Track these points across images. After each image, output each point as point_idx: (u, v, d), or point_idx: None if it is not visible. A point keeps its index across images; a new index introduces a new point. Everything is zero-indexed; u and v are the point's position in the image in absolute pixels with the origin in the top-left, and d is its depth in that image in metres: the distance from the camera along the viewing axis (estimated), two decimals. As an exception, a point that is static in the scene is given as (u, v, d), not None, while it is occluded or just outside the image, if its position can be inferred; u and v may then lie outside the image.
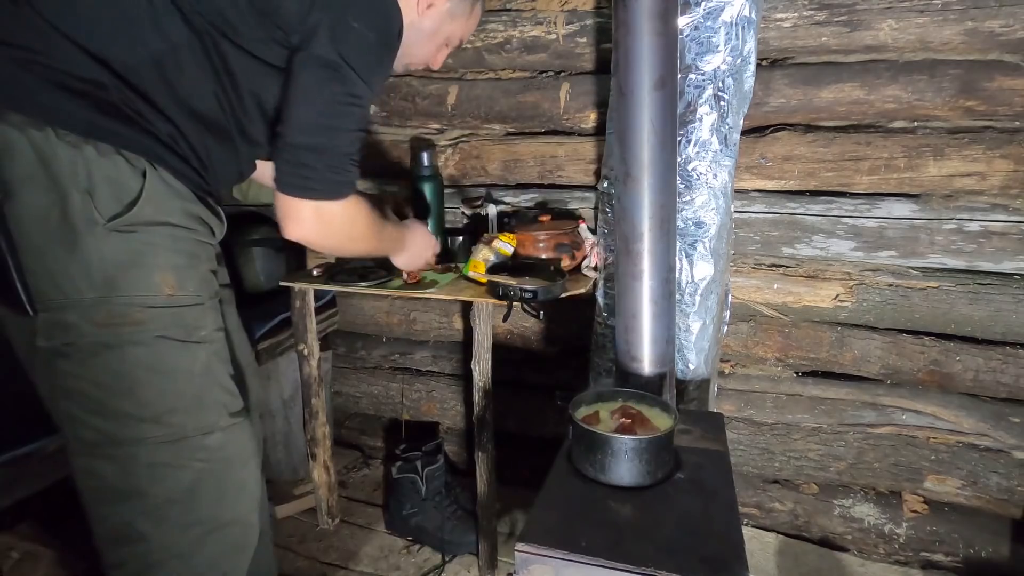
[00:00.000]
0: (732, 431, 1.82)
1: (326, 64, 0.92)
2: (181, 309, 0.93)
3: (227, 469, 0.99)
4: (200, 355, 0.96)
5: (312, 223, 0.99)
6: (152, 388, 0.91)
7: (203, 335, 0.96)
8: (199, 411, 0.95)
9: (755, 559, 1.73)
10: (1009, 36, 1.38)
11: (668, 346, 1.32)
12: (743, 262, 1.74)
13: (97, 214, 0.85)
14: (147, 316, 0.90)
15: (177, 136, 0.92)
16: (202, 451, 0.95)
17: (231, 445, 0.99)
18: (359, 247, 1.16)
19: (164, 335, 0.91)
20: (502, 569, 1.70)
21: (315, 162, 0.95)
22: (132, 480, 0.92)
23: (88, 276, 0.86)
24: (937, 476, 1.69)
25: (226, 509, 0.99)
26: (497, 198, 1.89)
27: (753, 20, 1.38)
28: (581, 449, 1.04)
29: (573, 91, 1.72)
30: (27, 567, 1.53)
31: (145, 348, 0.90)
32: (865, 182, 1.57)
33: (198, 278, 0.97)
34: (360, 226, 1.08)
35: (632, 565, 0.83)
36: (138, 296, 0.89)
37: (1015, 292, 1.54)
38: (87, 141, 0.84)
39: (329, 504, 1.90)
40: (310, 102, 0.93)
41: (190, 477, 0.94)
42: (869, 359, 1.68)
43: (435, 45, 1.16)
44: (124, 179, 0.87)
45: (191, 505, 0.95)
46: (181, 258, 0.94)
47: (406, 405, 2.17)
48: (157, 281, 0.90)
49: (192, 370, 0.95)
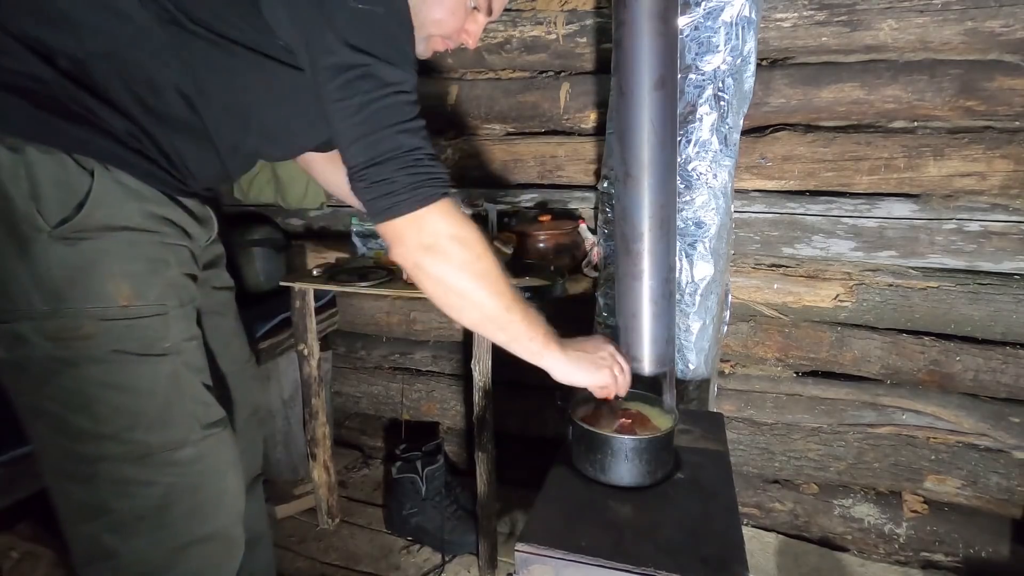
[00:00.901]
0: (732, 431, 1.82)
1: (345, 67, 0.79)
2: (139, 320, 0.86)
3: (202, 482, 0.93)
4: (163, 369, 0.88)
5: (415, 242, 0.85)
6: (108, 405, 0.85)
7: (167, 347, 0.89)
8: (164, 426, 0.89)
9: (755, 559, 1.73)
10: (1009, 36, 1.38)
11: (668, 346, 1.32)
12: (743, 262, 1.74)
13: (42, 220, 0.79)
14: (99, 329, 0.83)
15: (138, 134, 0.84)
16: (171, 466, 0.89)
17: (206, 458, 0.93)
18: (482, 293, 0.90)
19: (120, 349, 0.84)
20: (502, 569, 1.70)
21: (386, 174, 0.82)
22: (98, 497, 0.87)
23: (38, 287, 0.80)
24: (937, 476, 1.69)
25: (202, 523, 0.93)
26: (497, 198, 1.89)
27: (753, 20, 1.38)
28: (581, 449, 1.04)
29: (573, 91, 1.72)
30: (27, 567, 1.53)
31: (99, 363, 0.84)
32: (865, 182, 1.57)
33: (161, 285, 0.89)
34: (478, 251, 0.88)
35: (632, 565, 0.83)
36: (89, 308, 0.82)
37: (1015, 292, 1.54)
38: (30, 143, 0.78)
39: (329, 504, 1.90)
40: (348, 117, 0.81)
41: (160, 492, 0.88)
42: (869, 359, 1.68)
43: (452, 6, 0.95)
44: (72, 182, 0.80)
45: (162, 520, 0.89)
46: (140, 264, 0.86)
47: (406, 405, 2.17)
48: (110, 291, 0.83)
49: (153, 385, 0.87)
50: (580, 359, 1.04)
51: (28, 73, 0.78)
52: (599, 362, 1.05)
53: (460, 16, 0.97)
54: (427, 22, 0.94)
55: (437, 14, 0.95)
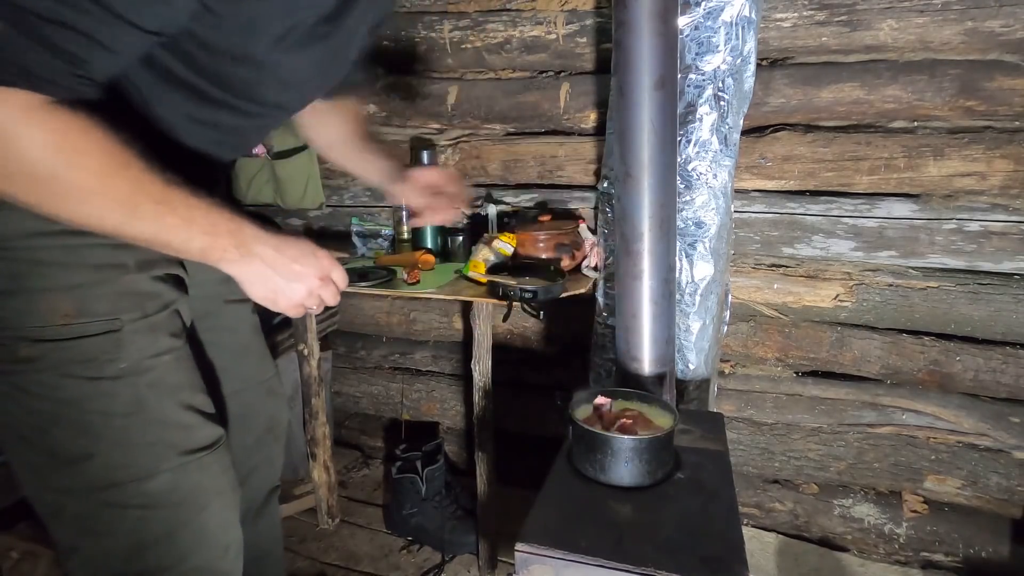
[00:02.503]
0: (732, 431, 1.82)
1: None
2: (85, 340, 0.74)
3: (180, 513, 0.82)
4: (121, 391, 0.77)
5: None
6: (63, 434, 0.75)
7: (123, 368, 0.77)
8: (128, 455, 0.78)
9: (755, 559, 1.73)
10: (1009, 36, 1.38)
11: (668, 346, 1.32)
12: (743, 262, 1.74)
13: None
14: (39, 351, 0.72)
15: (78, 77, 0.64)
16: (141, 497, 0.79)
17: (183, 488, 0.82)
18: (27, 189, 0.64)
19: (66, 373, 0.74)
20: (502, 569, 1.70)
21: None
22: (67, 533, 0.79)
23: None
24: (937, 476, 1.69)
25: (180, 559, 0.83)
26: (497, 198, 1.89)
27: (753, 20, 1.38)
28: (581, 449, 1.04)
29: (573, 91, 1.72)
30: (27, 567, 1.53)
31: (48, 389, 0.74)
32: (865, 182, 1.57)
33: (111, 296, 0.76)
34: (26, 148, 0.60)
35: (632, 565, 0.83)
36: (23, 328, 0.72)
37: (1015, 292, 1.54)
38: None
39: (329, 504, 1.90)
40: None
41: (128, 527, 0.79)
42: (869, 359, 1.68)
43: None
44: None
45: (136, 557, 0.80)
46: (83, 274, 0.74)
47: (406, 405, 2.17)
48: (44, 308, 0.72)
49: (109, 411, 0.77)
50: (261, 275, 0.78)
51: None
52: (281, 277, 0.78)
53: None
54: None
55: None
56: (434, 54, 1.80)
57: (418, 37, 1.80)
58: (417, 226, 1.81)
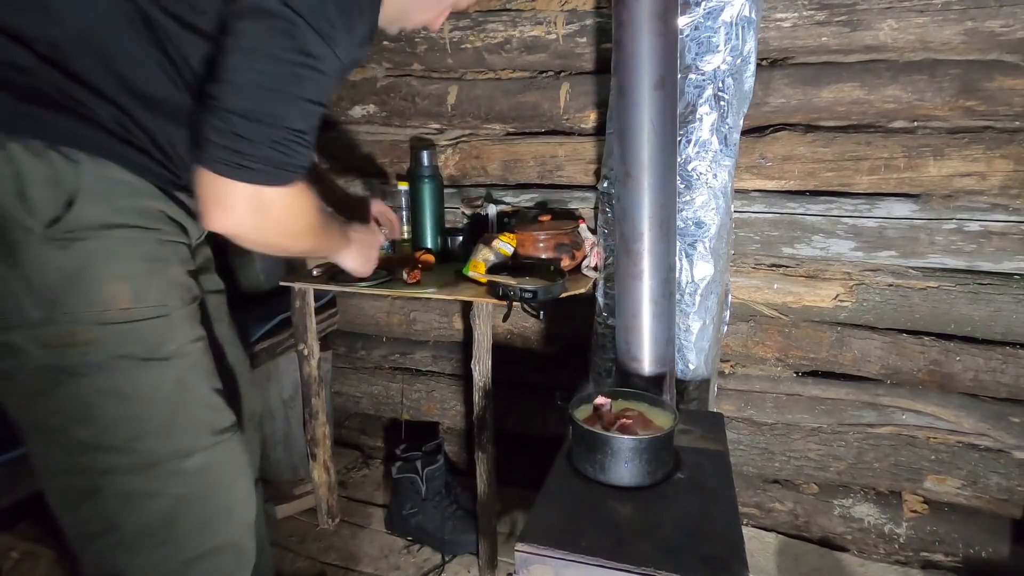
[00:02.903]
0: (732, 431, 1.82)
1: (268, 12, 0.72)
2: (140, 324, 0.82)
3: (211, 492, 0.89)
4: (168, 373, 0.85)
5: (245, 213, 0.78)
6: (112, 414, 0.81)
7: (171, 350, 0.85)
8: (171, 434, 0.85)
9: (755, 559, 1.73)
10: (1009, 36, 1.38)
11: (668, 346, 1.32)
12: (743, 262, 1.74)
13: (32, 221, 0.74)
14: (99, 334, 0.79)
15: (125, 122, 0.79)
16: (179, 476, 0.85)
17: (215, 466, 0.89)
18: (298, 246, 0.92)
19: (121, 354, 0.81)
20: (502, 569, 1.70)
21: (254, 135, 0.74)
22: (104, 513, 0.83)
23: (30, 293, 0.76)
24: (937, 476, 1.69)
25: (212, 535, 0.90)
26: (497, 198, 1.89)
27: (753, 20, 1.38)
28: (581, 449, 1.04)
29: (573, 91, 1.72)
30: (27, 567, 1.53)
31: (100, 371, 0.80)
32: (865, 182, 1.57)
33: (163, 285, 0.85)
34: (304, 222, 0.87)
35: (632, 565, 0.83)
36: (86, 312, 0.78)
37: (1015, 292, 1.54)
38: (12, 138, 0.73)
39: (329, 504, 1.90)
40: (250, 58, 0.73)
41: (167, 505, 0.85)
42: (869, 359, 1.68)
43: (441, 8, 1.00)
44: (60, 178, 0.75)
45: (171, 534, 0.86)
46: (138, 264, 0.82)
47: (406, 405, 2.17)
48: (108, 294, 0.79)
49: (158, 391, 0.84)
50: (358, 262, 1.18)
51: (7, 61, 0.73)
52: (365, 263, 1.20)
53: (440, 13, 1.01)
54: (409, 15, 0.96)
55: (423, 16, 0.99)
56: (434, 54, 1.80)
57: (418, 37, 1.80)
58: None
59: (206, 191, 0.77)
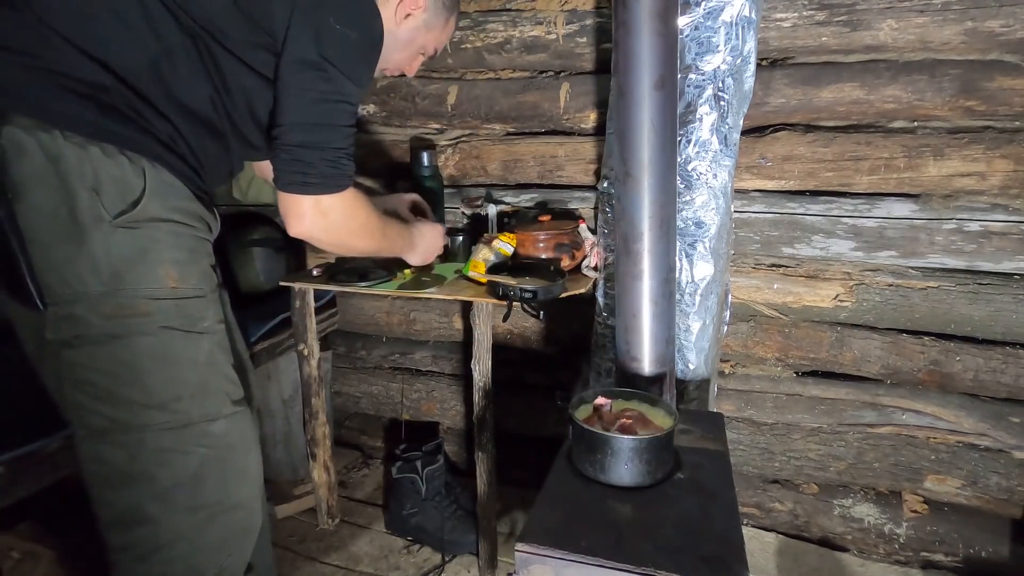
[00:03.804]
0: (732, 431, 1.82)
1: (311, 65, 0.97)
2: (185, 301, 0.97)
3: (230, 455, 1.03)
4: (204, 345, 1.00)
5: (313, 217, 1.04)
6: (158, 376, 0.95)
7: (206, 326, 1.00)
8: (203, 398, 0.99)
9: (755, 559, 1.73)
10: (1009, 36, 1.38)
11: (668, 346, 1.32)
12: (743, 262, 1.74)
13: (104, 211, 0.89)
14: (153, 307, 0.94)
15: (175, 136, 0.96)
16: (207, 437, 0.99)
17: (234, 432, 1.03)
18: (364, 243, 1.17)
19: (169, 325, 0.95)
20: (502, 569, 1.70)
21: (311, 158, 1.00)
22: (139, 465, 0.96)
23: (95, 271, 0.90)
24: (937, 476, 1.69)
25: (230, 493, 1.03)
26: (497, 198, 1.89)
27: (753, 20, 1.38)
28: (581, 449, 1.04)
29: (573, 91, 1.72)
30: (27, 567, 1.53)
31: (151, 338, 0.94)
32: (865, 182, 1.57)
33: (199, 272, 1.01)
34: (360, 218, 1.13)
35: (632, 565, 0.83)
36: (144, 288, 0.93)
37: (1015, 292, 1.54)
38: (92, 142, 0.88)
39: (329, 504, 1.90)
40: (301, 102, 0.99)
41: (196, 462, 0.98)
42: (869, 359, 1.68)
43: (410, 54, 1.24)
44: (128, 178, 0.91)
45: (197, 489, 0.99)
46: (182, 253, 0.97)
47: (406, 405, 2.17)
48: (161, 274, 0.94)
49: (196, 359, 0.99)
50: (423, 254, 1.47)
51: (93, 81, 0.89)
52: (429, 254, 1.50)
53: (413, 60, 1.26)
54: (385, 60, 1.14)
55: (396, 60, 1.22)
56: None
57: (418, 37, 1.80)
58: None
59: (285, 207, 1.03)
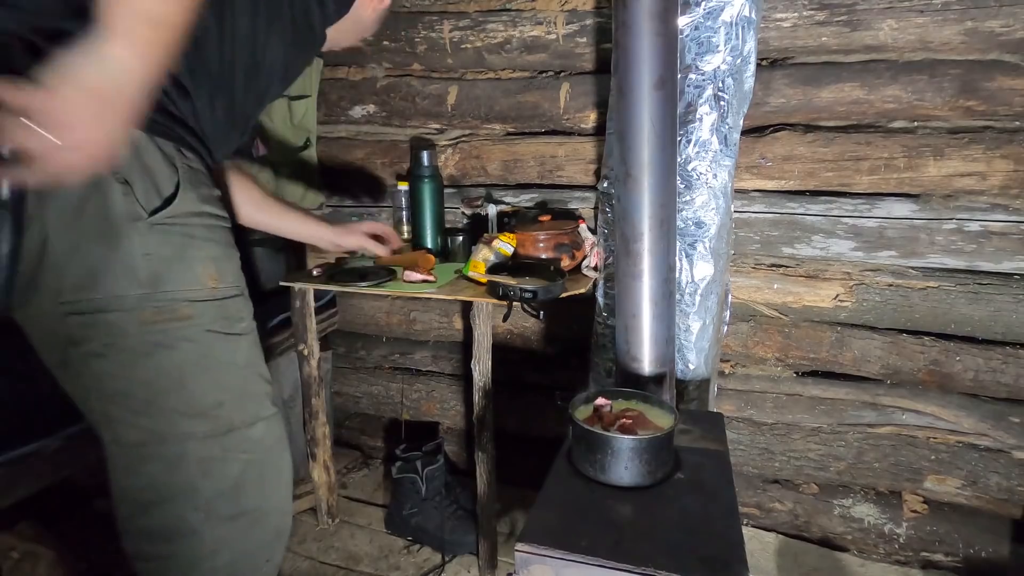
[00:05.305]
0: (732, 431, 1.82)
1: None
2: (224, 301, 0.91)
3: (268, 458, 0.98)
4: (242, 346, 0.94)
5: None
6: (201, 383, 0.89)
7: (243, 326, 0.94)
8: (244, 403, 0.94)
9: (755, 559, 1.73)
10: (1009, 36, 1.38)
11: (668, 346, 1.32)
12: (743, 262, 1.74)
13: (140, 208, 0.81)
14: (194, 311, 0.87)
15: (192, 110, 0.88)
16: (247, 442, 0.94)
17: (271, 435, 0.99)
18: None
19: (211, 329, 0.89)
20: (502, 569, 1.70)
21: None
22: (180, 476, 0.89)
23: (132, 273, 0.82)
24: (937, 476, 1.69)
25: (267, 498, 0.99)
26: (497, 198, 1.89)
27: (753, 20, 1.38)
28: (581, 449, 1.04)
29: (573, 91, 1.72)
30: (27, 567, 1.53)
31: (194, 344, 0.87)
32: (865, 182, 1.57)
33: (234, 268, 0.94)
34: None
35: (632, 565, 0.83)
36: (184, 291, 0.86)
37: (1015, 292, 1.54)
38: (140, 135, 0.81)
39: (329, 504, 1.90)
40: None
41: (237, 469, 0.93)
42: (869, 359, 1.68)
43: (357, 36, 1.18)
44: (159, 168, 0.83)
45: (238, 496, 0.94)
46: (218, 248, 0.91)
47: (406, 405, 2.17)
48: (200, 274, 0.87)
49: (236, 362, 0.93)
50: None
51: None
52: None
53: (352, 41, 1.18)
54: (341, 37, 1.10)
55: (347, 40, 1.14)
56: (434, 54, 1.81)
57: (418, 37, 1.80)
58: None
59: None
